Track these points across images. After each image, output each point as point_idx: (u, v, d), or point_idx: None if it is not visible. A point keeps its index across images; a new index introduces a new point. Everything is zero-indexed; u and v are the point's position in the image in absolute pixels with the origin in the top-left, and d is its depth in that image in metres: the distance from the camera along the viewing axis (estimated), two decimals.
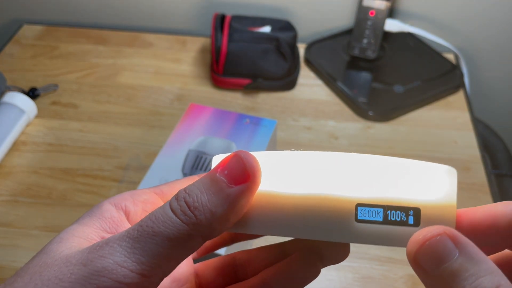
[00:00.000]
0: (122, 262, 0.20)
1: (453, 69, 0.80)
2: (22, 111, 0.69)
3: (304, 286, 0.26)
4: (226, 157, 0.23)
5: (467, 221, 0.23)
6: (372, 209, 0.23)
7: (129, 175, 0.65)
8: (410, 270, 0.55)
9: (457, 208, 0.23)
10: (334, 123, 0.73)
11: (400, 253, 0.57)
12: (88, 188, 0.63)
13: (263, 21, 0.80)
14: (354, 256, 0.57)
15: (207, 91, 0.78)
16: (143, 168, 0.65)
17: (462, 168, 0.67)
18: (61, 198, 0.62)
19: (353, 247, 0.58)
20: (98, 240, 0.23)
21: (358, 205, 0.23)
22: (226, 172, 0.22)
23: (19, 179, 0.65)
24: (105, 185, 0.64)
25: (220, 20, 0.78)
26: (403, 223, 0.23)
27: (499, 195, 0.69)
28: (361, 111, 0.73)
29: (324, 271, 0.55)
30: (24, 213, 0.61)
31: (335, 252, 0.26)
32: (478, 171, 0.66)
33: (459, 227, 0.23)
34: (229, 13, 0.84)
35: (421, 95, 0.75)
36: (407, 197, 0.23)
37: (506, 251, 0.24)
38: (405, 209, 0.23)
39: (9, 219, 0.60)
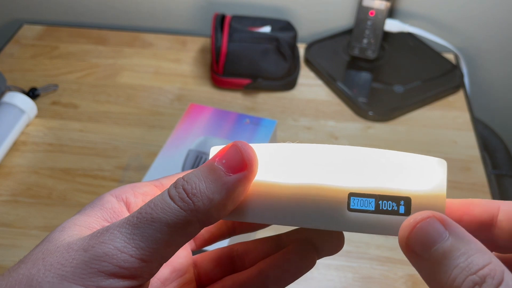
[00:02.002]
0: (122, 248, 0.21)
1: (453, 69, 0.80)
2: (22, 111, 0.69)
3: (300, 276, 0.27)
4: (224, 147, 0.23)
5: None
6: (364, 198, 0.24)
7: (129, 175, 0.65)
8: (410, 270, 0.55)
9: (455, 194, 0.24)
10: (334, 123, 0.73)
11: (400, 253, 0.57)
12: (88, 188, 0.63)
13: (263, 21, 0.80)
14: (354, 256, 0.57)
15: (207, 91, 0.78)
16: (143, 168, 0.65)
17: (462, 168, 0.67)
18: (61, 198, 0.62)
19: (353, 247, 0.58)
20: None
21: (351, 194, 0.24)
22: (224, 161, 0.23)
23: (19, 179, 0.65)
24: (105, 185, 0.64)
25: (220, 20, 0.78)
26: (394, 212, 0.23)
27: (499, 195, 0.69)
28: (361, 111, 0.73)
29: (324, 271, 0.56)
30: (24, 213, 0.61)
31: (330, 244, 0.27)
32: (478, 171, 0.66)
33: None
34: (229, 13, 0.84)
35: (421, 95, 0.75)
36: (398, 187, 0.23)
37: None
38: (396, 199, 0.23)
39: (9, 219, 0.60)
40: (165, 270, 0.28)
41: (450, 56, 0.83)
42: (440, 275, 0.19)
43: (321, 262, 0.28)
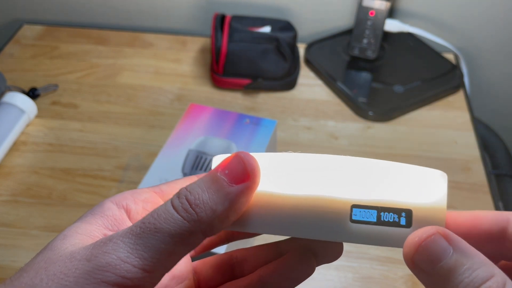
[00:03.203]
0: (125, 258, 0.21)
1: (453, 69, 0.80)
2: (22, 111, 0.69)
3: (299, 283, 0.27)
4: (227, 158, 0.24)
5: (451, 221, 0.24)
6: (366, 210, 0.24)
7: (129, 175, 0.65)
8: (410, 270, 0.55)
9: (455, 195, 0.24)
10: (334, 123, 0.73)
11: (400, 253, 0.56)
12: (88, 188, 0.63)
13: (263, 21, 0.80)
14: (354, 256, 0.57)
15: (207, 91, 0.78)
16: (143, 168, 0.65)
17: (462, 168, 0.67)
18: (61, 198, 0.62)
19: (353, 247, 0.58)
20: (101, 237, 0.23)
21: (353, 206, 0.24)
22: (227, 171, 0.23)
23: (19, 179, 0.65)
24: (105, 185, 0.64)
25: (220, 20, 0.78)
26: (396, 224, 0.24)
27: (499, 195, 0.69)
28: (361, 111, 0.73)
29: (324, 271, 0.56)
30: (24, 213, 0.61)
31: (329, 251, 0.27)
32: (478, 171, 0.66)
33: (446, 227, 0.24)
34: (229, 13, 0.84)
35: (421, 95, 0.75)
36: (399, 200, 0.24)
37: (502, 262, 0.25)
38: (397, 211, 0.24)
39: (9, 219, 0.60)
40: (165, 277, 0.28)
41: (450, 56, 0.83)
42: None
43: None
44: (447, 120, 0.73)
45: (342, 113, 0.75)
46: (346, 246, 0.27)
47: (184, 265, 0.29)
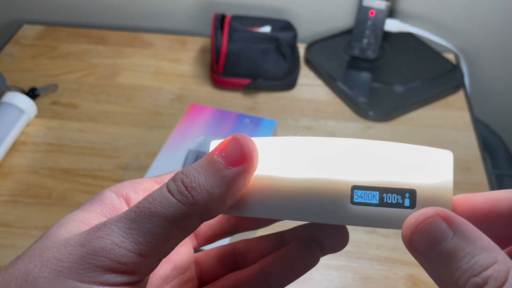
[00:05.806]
0: (119, 242, 0.20)
1: (453, 69, 0.80)
2: (22, 111, 0.69)
3: (303, 274, 0.27)
4: (224, 140, 0.23)
5: (468, 206, 0.23)
6: (368, 191, 0.23)
7: (129, 175, 0.65)
8: (410, 270, 0.55)
9: (456, 194, 0.23)
10: (334, 123, 0.73)
11: (400, 253, 0.57)
12: (88, 188, 0.63)
13: (263, 21, 0.80)
14: (354, 256, 0.57)
15: (207, 91, 0.78)
16: (143, 168, 0.65)
17: (462, 168, 0.67)
18: (61, 198, 0.62)
19: (353, 247, 0.58)
20: None
21: (354, 187, 0.23)
22: (223, 154, 0.22)
23: (19, 179, 0.65)
24: (105, 185, 0.64)
25: (220, 20, 0.78)
26: (399, 205, 0.23)
27: None
28: (361, 111, 0.73)
29: (324, 271, 0.56)
30: (24, 213, 0.61)
31: (334, 240, 0.27)
32: (478, 171, 0.66)
33: (460, 212, 0.22)
34: (229, 13, 0.84)
35: (421, 95, 0.75)
36: (403, 180, 0.23)
37: None
38: (401, 192, 0.23)
39: (9, 219, 0.60)
40: (166, 267, 0.28)
41: (450, 56, 0.83)
42: (444, 274, 0.19)
43: (321, 262, 0.27)
44: (447, 120, 0.73)
45: (342, 113, 0.75)
46: (346, 246, 0.27)
47: (185, 256, 0.29)
